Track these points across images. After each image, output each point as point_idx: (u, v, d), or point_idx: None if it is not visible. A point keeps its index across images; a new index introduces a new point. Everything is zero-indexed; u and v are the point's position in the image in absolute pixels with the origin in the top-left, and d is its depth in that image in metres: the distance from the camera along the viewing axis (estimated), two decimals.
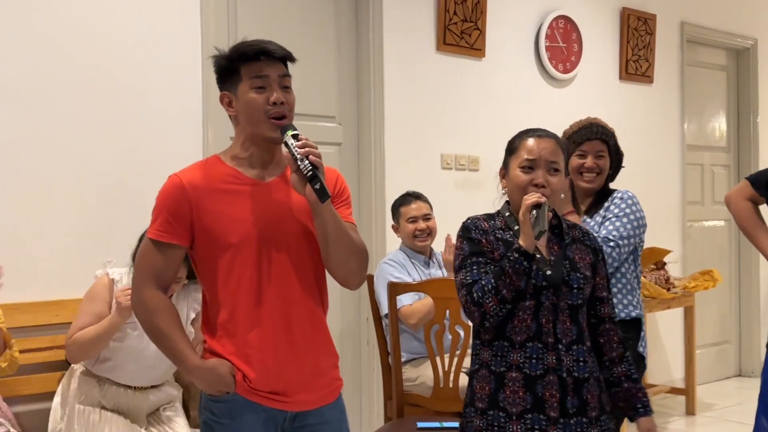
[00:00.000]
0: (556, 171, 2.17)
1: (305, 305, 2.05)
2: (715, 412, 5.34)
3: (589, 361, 2.14)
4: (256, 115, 2.01)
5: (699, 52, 6.08)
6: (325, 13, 4.12)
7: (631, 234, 2.82)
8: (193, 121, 3.54)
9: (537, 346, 2.10)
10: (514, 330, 2.12)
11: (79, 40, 3.24)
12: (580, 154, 2.92)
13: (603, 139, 2.93)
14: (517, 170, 2.18)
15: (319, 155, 1.94)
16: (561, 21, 5.00)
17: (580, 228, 2.30)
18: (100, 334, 2.82)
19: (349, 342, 4.14)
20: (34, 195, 3.13)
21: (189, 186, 2.00)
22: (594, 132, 2.92)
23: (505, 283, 2.07)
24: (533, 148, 2.17)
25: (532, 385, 2.08)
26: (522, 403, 2.08)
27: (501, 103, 4.69)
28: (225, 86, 2.07)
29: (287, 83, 2.06)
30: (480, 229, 2.19)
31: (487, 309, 2.08)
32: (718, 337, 6.21)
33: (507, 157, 2.25)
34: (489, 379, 2.13)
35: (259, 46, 2.03)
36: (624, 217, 2.82)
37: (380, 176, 4.17)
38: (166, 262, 2.02)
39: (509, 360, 2.11)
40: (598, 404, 2.13)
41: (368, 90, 4.17)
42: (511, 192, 2.21)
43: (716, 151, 6.27)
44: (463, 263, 2.16)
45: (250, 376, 2.00)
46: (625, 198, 2.88)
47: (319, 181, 1.89)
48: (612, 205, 2.87)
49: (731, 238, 6.31)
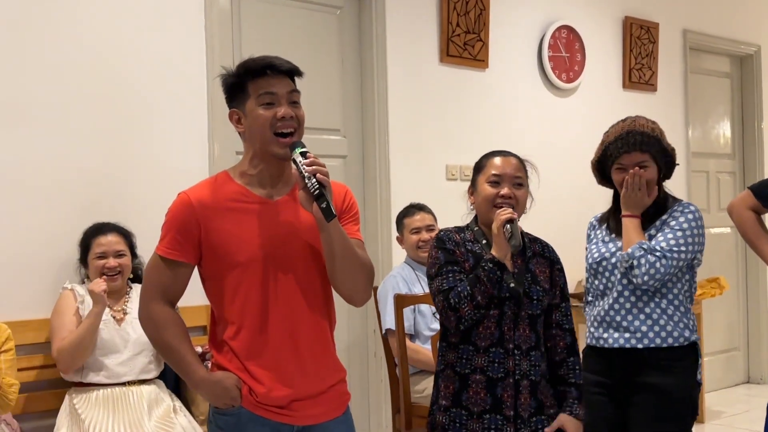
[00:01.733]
0: (521, 185, 2.40)
1: (312, 323, 2.05)
2: (724, 419, 5.31)
3: (542, 365, 2.37)
4: (264, 132, 2.01)
5: (702, 60, 6.08)
6: (328, 27, 4.14)
7: (683, 249, 2.58)
8: (199, 137, 3.55)
9: (499, 352, 2.31)
10: (479, 336, 2.32)
11: (86, 59, 3.26)
12: (619, 167, 2.66)
13: (642, 150, 2.64)
14: (485, 185, 2.40)
15: (326, 173, 1.94)
16: (564, 31, 5.01)
17: (540, 242, 2.50)
18: (86, 330, 2.90)
19: (356, 354, 4.14)
20: (40, 211, 3.14)
21: (198, 204, 2.01)
22: (631, 143, 2.63)
23: (480, 290, 2.26)
24: (499, 165, 2.41)
25: (493, 387, 2.30)
26: (482, 403, 2.31)
27: (505, 113, 4.69)
28: (233, 103, 2.08)
29: (296, 98, 2.06)
30: (453, 240, 2.40)
31: (462, 314, 2.28)
32: (726, 344, 6.18)
33: (475, 175, 2.46)
34: (453, 379, 2.35)
35: (265, 60, 2.03)
36: (679, 231, 2.60)
37: (385, 188, 4.18)
38: (174, 279, 2.04)
39: (474, 363, 2.32)
40: (552, 402, 2.38)
41: (372, 102, 4.18)
42: (480, 206, 2.42)
43: (721, 158, 6.26)
44: (440, 271, 2.36)
45: (257, 391, 2.00)
46: (686, 212, 2.65)
47: (325, 200, 1.90)
48: (670, 218, 2.66)
49: (738, 245, 6.28)
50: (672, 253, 2.57)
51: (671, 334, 2.61)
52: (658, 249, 2.57)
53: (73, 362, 2.92)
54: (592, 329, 2.75)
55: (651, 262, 2.54)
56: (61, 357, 2.92)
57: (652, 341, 2.60)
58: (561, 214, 4.60)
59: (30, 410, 3.03)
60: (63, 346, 2.91)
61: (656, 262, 2.55)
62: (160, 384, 3.09)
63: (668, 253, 2.57)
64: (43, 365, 3.09)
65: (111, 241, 3.10)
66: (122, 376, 2.99)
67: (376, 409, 4.14)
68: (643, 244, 2.57)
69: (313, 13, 4.07)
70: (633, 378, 2.63)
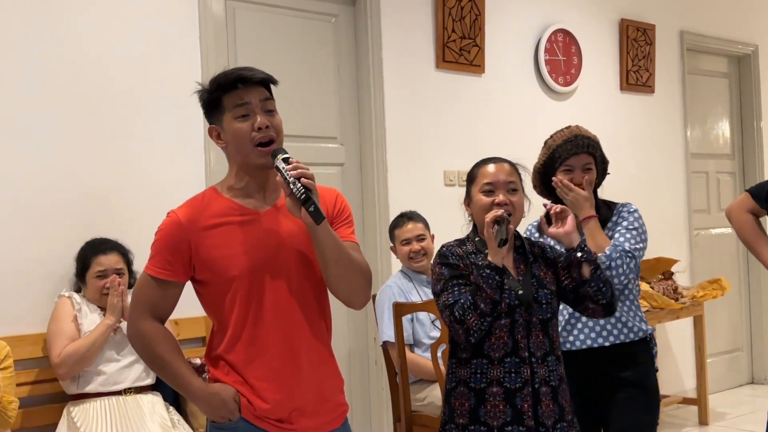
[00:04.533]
0: (515, 191, 2.35)
1: (308, 332, 2.04)
2: (728, 421, 5.29)
3: (559, 369, 2.32)
4: (244, 144, 2.00)
5: (700, 60, 6.07)
6: (323, 35, 4.13)
7: (642, 247, 2.74)
8: (194, 147, 3.55)
9: (514, 361, 2.25)
10: (492, 347, 2.26)
11: (80, 70, 3.26)
12: (566, 169, 2.77)
13: (589, 152, 2.79)
14: (479, 194, 2.36)
15: (311, 176, 1.92)
16: (560, 34, 5.00)
17: (539, 244, 2.45)
18: (95, 339, 2.96)
19: (356, 363, 4.13)
20: (36, 225, 3.14)
21: (187, 223, 2.00)
22: (580, 145, 2.77)
23: (481, 298, 2.21)
24: (491, 173, 2.36)
25: (512, 398, 2.24)
26: (502, 416, 2.24)
27: (502, 118, 4.69)
28: (212, 119, 2.07)
29: (270, 107, 2.03)
30: (456, 254, 2.34)
31: (469, 325, 2.21)
32: (729, 345, 6.17)
33: (468, 186, 2.43)
34: (468, 395, 2.28)
35: (236, 73, 2.01)
36: (634, 230, 2.74)
37: (383, 195, 4.17)
38: (163, 298, 2.03)
39: (489, 376, 2.26)
40: (570, 408, 2.33)
41: (369, 110, 4.17)
42: (476, 215, 2.38)
43: (721, 158, 6.24)
44: (445, 286, 2.30)
45: (256, 404, 1.99)
46: (632, 211, 2.80)
47: (312, 203, 1.88)
48: (620, 218, 2.78)
49: (739, 245, 6.25)
50: (636, 251, 2.70)
51: (632, 329, 2.74)
52: (629, 250, 2.68)
53: (75, 368, 2.94)
54: None
55: (627, 262, 2.66)
56: (63, 363, 2.92)
57: (617, 338, 2.72)
58: None
59: (28, 425, 3.01)
60: (68, 352, 2.92)
61: (630, 262, 2.68)
62: (158, 395, 3.08)
63: (635, 252, 2.70)
64: (40, 380, 3.08)
65: (111, 260, 3.10)
66: (120, 383, 3.00)
67: (377, 418, 4.12)
68: (618, 247, 2.67)
69: (308, 21, 4.07)
70: (603, 376, 2.72)
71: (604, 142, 2.94)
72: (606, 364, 2.71)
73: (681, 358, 5.66)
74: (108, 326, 2.99)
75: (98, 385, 2.97)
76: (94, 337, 2.96)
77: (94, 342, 2.96)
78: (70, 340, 2.96)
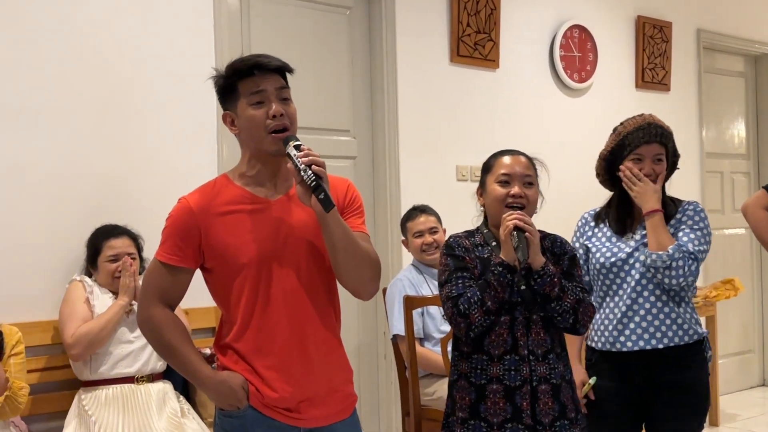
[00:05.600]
0: (531, 184, 2.33)
1: (317, 322, 2.03)
2: (738, 422, 5.26)
3: (560, 367, 2.29)
4: (257, 131, 1.99)
5: (716, 59, 6.03)
6: (338, 26, 4.12)
7: (705, 249, 2.60)
8: (207, 137, 3.54)
9: (514, 359, 2.24)
10: (492, 344, 2.25)
11: (94, 59, 3.26)
12: (636, 158, 2.62)
13: (662, 142, 2.64)
14: (495, 185, 2.33)
15: (322, 164, 1.91)
16: (575, 30, 4.97)
17: (550, 237, 2.40)
18: (109, 319, 2.97)
19: (366, 357, 4.12)
20: (47, 212, 3.14)
21: (198, 209, 2.00)
22: (652, 134, 2.61)
23: (490, 295, 2.20)
24: (508, 164, 2.34)
25: (512, 396, 2.23)
26: (502, 413, 2.23)
27: (516, 113, 4.66)
28: (226, 105, 2.06)
29: (286, 95, 2.03)
30: (462, 246, 2.33)
31: (473, 320, 2.21)
32: (740, 346, 6.12)
33: (483, 175, 2.40)
34: (469, 390, 2.28)
35: (253, 60, 2.01)
36: (699, 231, 2.60)
37: (395, 189, 4.15)
38: (174, 284, 2.03)
39: (489, 373, 2.25)
40: (573, 405, 2.31)
41: (382, 103, 4.16)
42: (490, 206, 2.35)
43: (736, 158, 6.20)
44: (449, 278, 2.29)
45: (264, 392, 1.98)
46: (699, 211, 2.65)
47: (323, 190, 1.87)
48: (685, 216, 2.64)
49: (753, 246, 6.23)
50: (700, 253, 2.57)
51: (687, 332, 2.61)
52: (693, 252, 2.54)
53: (89, 349, 2.94)
54: (606, 333, 2.66)
55: (689, 264, 2.53)
56: (77, 343, 2.92)
57: (671, 340, 2.59)
58: (572, 215, 4.54)
59: (38, 411, 3.02)
60: (82, 332, 2.92)
61: (692, 265, 2.54)
62: (168, 384, 3.08)
63: (698, 254, 2.56)
64: (51, 366, 3.09)
65: (123, 244, 3.10)
66: (132, 365, 3.00)
67: (386, 412, 4.12)
68: (682, 247, 2.54)
69: (322, 14, 4.06)
70: (653, 379, 2.60)
71: None
72: (658, 367, 2.59)
73: None
74: (121, 306, 3.00)
75: (110, 367, 2.97)
76: (108, 317, 2.97)
77: (108, 322, 2.96)
78: (83, 321, 2.97)
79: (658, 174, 2.64)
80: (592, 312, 2.31)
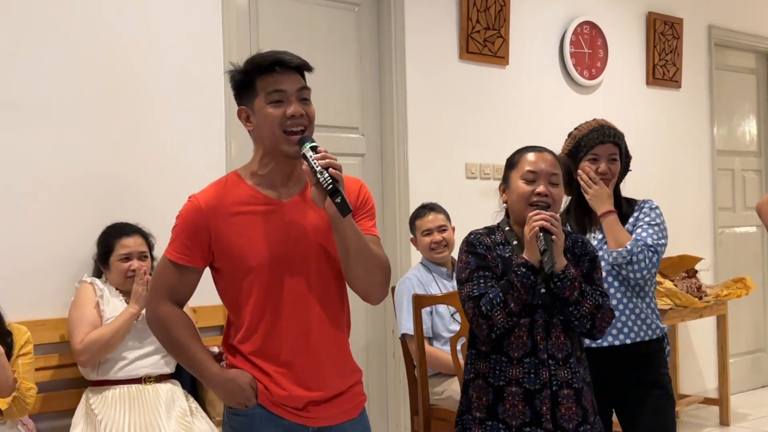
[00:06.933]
0: (556, 184, 2.28)
1: (327, 324, 2.01)
2: (749, 422, 5.22)
3: (581, 370, 2.26)
4: (274, 131, 1.97)
5: (727, 56, 5.98)
6: (347, 23, 4.10)
7: (664, 243, 2.71)
8: (216, 136, 3.53)
9: (534, 362, 2.20)
10: (511, 346, 2.21)
11: (103, 58, 3.25)
12: (592, 158, 2.74)
13: (615, 142, 2.77)
14: (520, 182, 2.27)
15: (339, 167, 1.89)
16: (586, 27, 4.94)
17: (571, 237, 2.35)
18: (119, 327, 2.94)
19: (374, 355, 4.10)
20: (57, 210, 3.13)
21: (208, 209, 1.98)
22: (606, 135, 2.74)
23: (513, 297, 2.15)
24: (535, 161, 2.28)
25: (531, 400, 2.19)
26: (521, 416, 2.19)
27: (525, 110, 4.63)
28: (242, 101, 2.04)
29: (306, 95, 2.01)
30: (483, 244, 2.28)
31: (495, 321, 2.17)
32: (751, 345, 6.08)
33: (507, 171, 2.34)
34: (486, 390, 2.24)
35: (274, 56, 1.98)
36: (656, 226, 2.71)
37: (404, 187, 4.13)
38: (182, 282, 2.02)
39: (508, 375, 2.21)
40: (593, 409, 2.28)
41: (391, 100, 4.14)
42: (513, 203, 2.30)
43: (747, 155, 6.15)
44: (470, 276, 2.24)
45: (272, 391, 1.97)
46: (654, 208, 2.77)
47: (340, 194, 1.85)
48: (642, 214, 2.75)
49: (764, 244, 6.18)
50: (659, 246, 2.67)
51: (650, 327, 2.70)
52: (651, 245, 2.64)
53: (97, 356, 2.92)
54: None
55: (649, 257, 2.62)
56: (86, 350, 2.91)
57: (637, 335, 2.68)
58: None
59: (46, 410, 3.01)
60: (91, 339, 2.90)
61: (653, 257, 2.64)
62: (177, 384, 3.07)
63: (658, 248, 2.66)
64: (59, 365, 3.08)
65: (136, 243, 3.09)
66: (140, 369, 2.98)
67: (395, 411, 4.10)
68: (639, 240, 2.64)
69: (331, 11, 4.04)
70: (621, 375, 2.67)
71: (629, 136, 2.91)
72: (624, 363, 2.68)
73: (703, 357, 5.59)
74: (132, 314, 2.97)
75: (118, 371, 2.96)
76: (118, 324, 2.95)
77: (118, 330, 2.94)
78: (92, 326, 2.95)
79: (614, 173, 2.76)
80: (610, 318, 2.28)
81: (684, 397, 5.21)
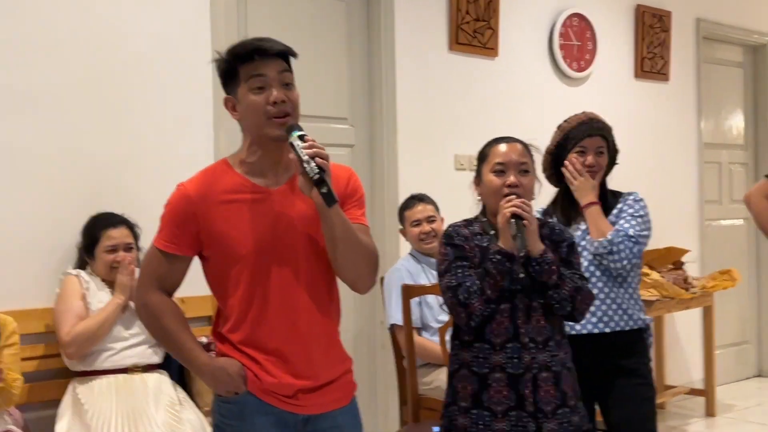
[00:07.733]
0: (526, 172, 2.31)
1: (316, 314, 2.01)
2: (735, 413, 5.26)
3: (561, 354, 2.29)
4: (258, 117, 1.95)
5: (715, 49, 6.00)
6: (336, 13, 4.08)
7: (646, 234, 2.76)
8: (204, 125, 3.51)
9: (516, 346, 2.24)
10: (494, 333, 2.25)
11: (89, 45, 3.23)
12: (580, 150, 2.79)
13: (603, 136, 2.81)
14: (490, 175, 2.32)
15: (326, 157, 1.88)
16: (575, 19, 4.94)
17: (549, 225, 2.41)
18: (105, 318, 2.93)
19: (363, 346, 4.11)
20: (42, 199, 3.11)
21: (196, 197, 1.97)
22: (594, 128, 2.80)
23: (489, 284, 2.20)
24: (503, 153, 2.32)
25: (516, 384, 2.23)
26: (506, 401, 2.23)
27: (515, 102, 4.64)
28: (227, 89, 2.03)
29: (288, 79, 1.98)
30: (461, 235, 2.32)
31: (473, 309, 2.22)
32: (737, 337, 6.12)
33: (479, 165, 2.39)
34: (471, 379, 2.27)
35: (253, 44, 1.96)
36: (639, 217, 2.76)
37: (393, 178, 4.13)
38: (171, 271, 2.01)
39: (492, 362, 2.25)
40: (573, 393, 2.30)
41: (380, 91, 4.13)
42: (487, 197, 2.35)
43: (734, 148, 6.18)
44: (449, 267, 2.28)
45: (262, 378, 1.97)
46: (638, 200, 2.81)
47: (326, 185, 1.84)
48: (625, 206, 2.80)
49: (750, 236, 6.22)
50: (640, 237, 2.71)
51: (632, 317, 2.74)
52: (632, 235, 2.68)
53: (84, 347, 2.91)
54: None
55: (629, 247, 2.67)
56: (73, 342, 2.89)
57: (617, 325, 2.72)
58: None
59: (32, 400, 2.99)
60: (78, 331, 2.89)
61: (633, 247, 2.68)
62: (164, 374, 3.06)
63: (639, 238, 2.70)
64: (45, 355, 3.06)
65: (121, 234, 3.07)
66: (127, 358, 2.97)
67: (383, 401, 4.11)
68: (620, 231, 2.68)
69: (319, 1, 4.02)
70: (601, 363, 2.71)
71: (616, 129, 2.93)
72: (605, 351, 2.72)
73: (689, 349, 5.62)
74: (117, 305, 2.97)
75: (104, 360, 2.95)
76: (104, 316, 2.94)
77: (104, 321, 2.93)
78: (78, 318, 2.94)
79: (601, 166, 2.80)
80: (590, 299, 2.33)
81: (670, 388, 5.25)
